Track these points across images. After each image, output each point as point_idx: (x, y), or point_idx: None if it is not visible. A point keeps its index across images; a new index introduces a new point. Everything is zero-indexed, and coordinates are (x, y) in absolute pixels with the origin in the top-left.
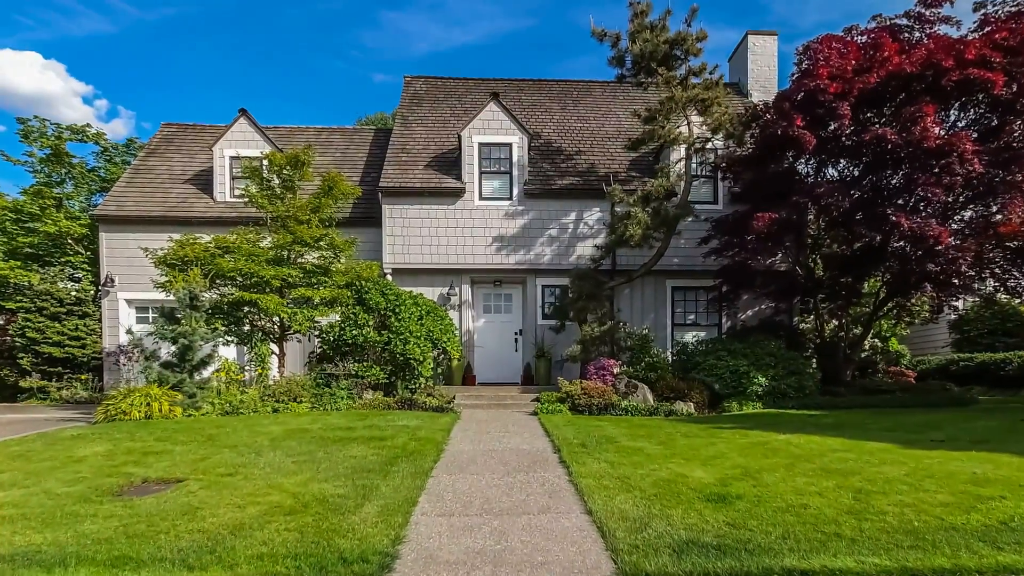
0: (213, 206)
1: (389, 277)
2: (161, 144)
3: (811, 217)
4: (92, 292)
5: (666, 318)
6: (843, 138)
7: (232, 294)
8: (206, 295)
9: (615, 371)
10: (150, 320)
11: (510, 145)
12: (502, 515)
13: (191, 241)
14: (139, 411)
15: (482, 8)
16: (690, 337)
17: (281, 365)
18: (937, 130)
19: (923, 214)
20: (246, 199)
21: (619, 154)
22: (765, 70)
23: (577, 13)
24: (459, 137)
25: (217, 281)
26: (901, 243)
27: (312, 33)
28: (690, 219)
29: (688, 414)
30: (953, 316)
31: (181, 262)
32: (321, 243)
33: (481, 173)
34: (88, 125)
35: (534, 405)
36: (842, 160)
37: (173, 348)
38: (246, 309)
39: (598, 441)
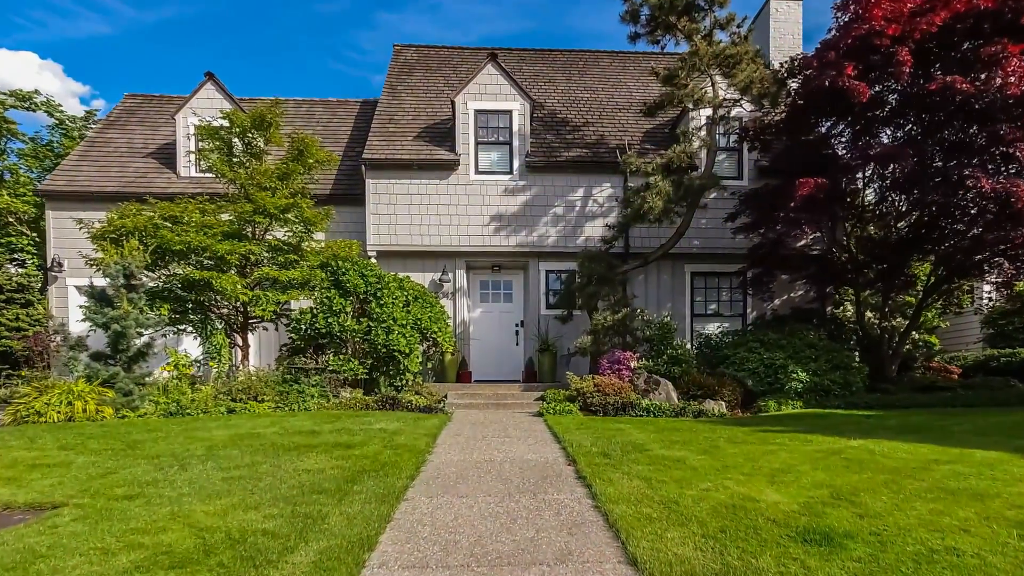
0: (175, 181)
1: (375, 262)
2: (122, 115)
3: (857, 187)
4: (40, 278)
5: (685, 307)
6: (898, 92)
7: (181, 274)
8: (152, 275)
9: (632, 365)
10: None
11: (510, 112)
12: (501, 565)
13: (134, 211)
14: (57, 412)
15: (479, 10)
16: (713, 328)
17: (244, 358)
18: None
19: (1004, 174)
20: (213, 173)
21: (631, 126)
22: (788, 39)
23: (575, 17)
24: (453, 103)
25: (166, 258)
26: (974, 211)
27: (310, 35)
28: (712, 195)
29: (720, 414)
30: (986, 309)
31: (120, 235)
32: (289, 215)
33: (478, 144)
34: (37, 91)
35: (538, 405)
36: (896, 121)
37: (105, 336)
38: (200, 292)
39: (623, 449)
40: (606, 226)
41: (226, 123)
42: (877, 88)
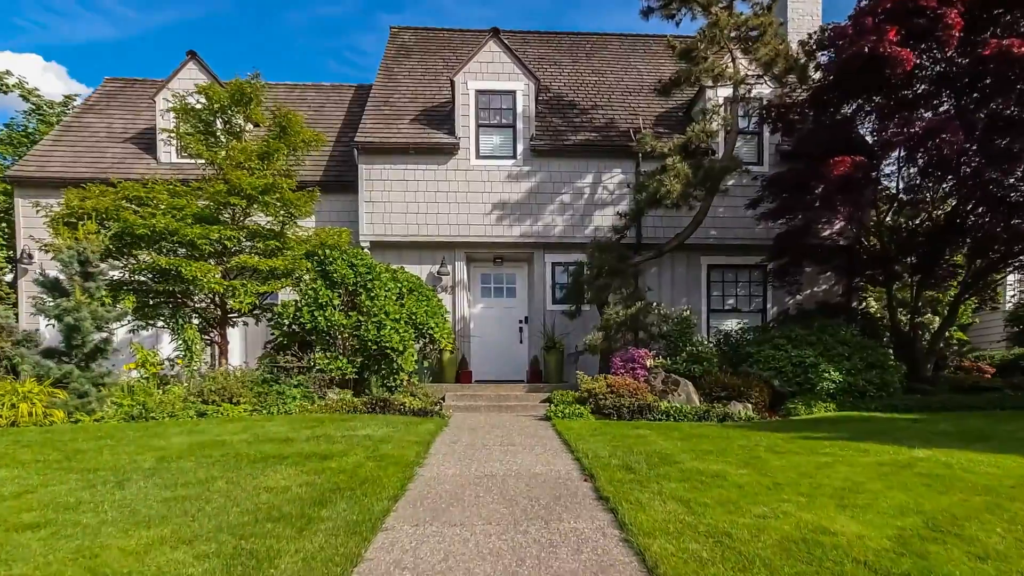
0: (156, 168)
1: (369, 254)
2: (102, 100)
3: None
4: (9, 271)
5: (701, 302)
6: (944, 62)
7: (148, 261)
8: (118, 263)
9: (648, 364)
10: None
11: (513, 93)
12: None
13: (97, 192)
14: None
15: (481, 12)
16: (733, 325)
17: (223, 356)
18: None
19: None
20: (189, 154)
21: (643, 109)
22: (808, 19)
23: (579, 16)
24: (452, 83)
25: (132, 245)
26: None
27: (312, 37)
28: (731, 181)
29: (747, 418)
30: (1011, 305)
31: (80, 219)
32: (268, 197)
33: (479, 127)
34: (8, 72)
35: (545, 407)
36: (937, 97)
37: (58, 330)
38: (171, 282)
39: (648, 461)
40: (617, 214)
41: (202, 96)
42: (918, 61)
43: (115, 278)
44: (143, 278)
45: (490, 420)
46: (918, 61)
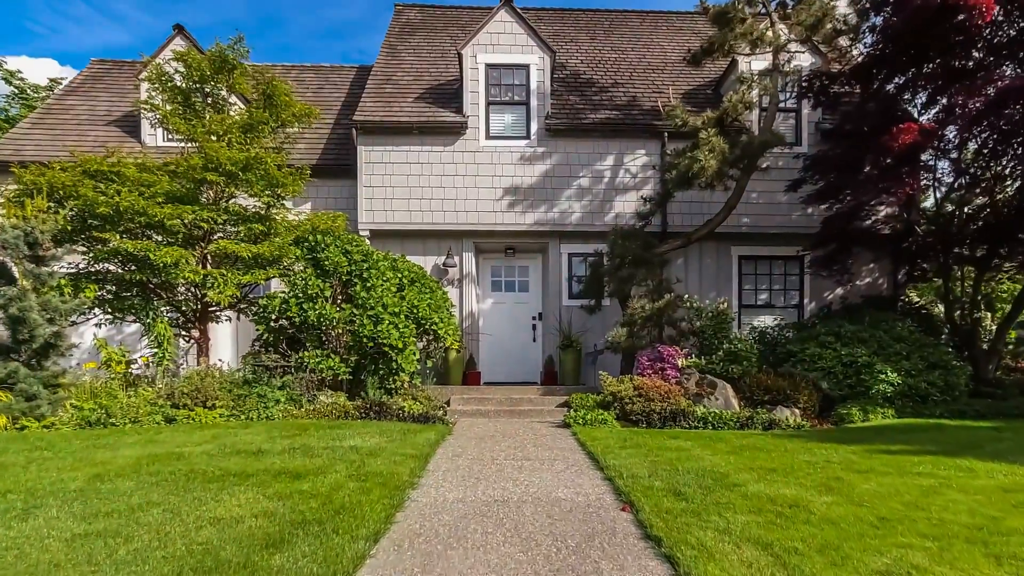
0: (141, 151)
1: (368, 243)
2: (87, 81)
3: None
4: None
5: (732, 296)
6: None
7: (112, 246)
8: (83, 249)
9: (679, 363)
10: None
11: (527, 67)
12: None
13: (58, 166)
14: None
15: None
16: (766, 321)
17: (203, 354)
18: None
19: None
20: (174, 133)
21: (667, 87)
22: None
23: None
24: (459, 56)
25: (95, 226)
26: None
27: (322, 40)
28: (766, 164)
29: (797, 426)
30: None
31: (33, 196)
32: (250, 174)
33: (489, 104)
34: None
35: (562, 413)
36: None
37: (1, 322)
38: (141, 270)
39: (700, 482)
40: (641, 198)
41: (179, 64)
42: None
43: (81, 267)
44: (113, 266)
45: (500, 427)
46: (998, 16)
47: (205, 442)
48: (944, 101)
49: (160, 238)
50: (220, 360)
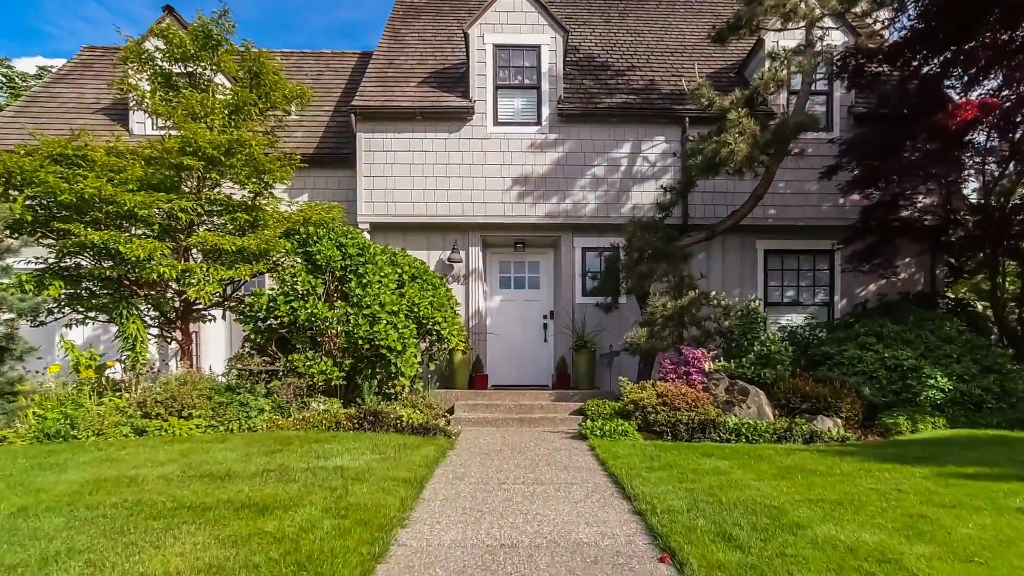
0: (127, 140)
1: (367, 236)
2: (76, 69)
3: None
4: None
5: (757, 293)
6: None
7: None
8: (46, 242)
9: (705, 367)
10: None
11: (538, 48)
12: None
13: (23, 151)
14: None
15: None
16: (795, 319)
17: (185, 357)
18: None
19: None
20: (153, 115)
21: (687, 71)
22: None
23: None
24: (466, 36)
25: (59, 216)
26: None
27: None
28: (795, 150)
29: (842, 438)
30: None
31: None
32: (233, 159)
33: (497, 88)
34: None
35: (577, 421)
36: None
37: None
38: (116, 266)
39: (753, 521)
40: (661, 188)
41: (160, 41)
42: None
43: (51, 261)
44: (83, 261)
45: (509, 440)
46: None
47: (170, 461)
48: (991, 83)
49: (139, 231)
50: (211, 364)
